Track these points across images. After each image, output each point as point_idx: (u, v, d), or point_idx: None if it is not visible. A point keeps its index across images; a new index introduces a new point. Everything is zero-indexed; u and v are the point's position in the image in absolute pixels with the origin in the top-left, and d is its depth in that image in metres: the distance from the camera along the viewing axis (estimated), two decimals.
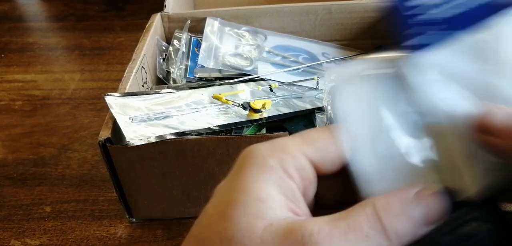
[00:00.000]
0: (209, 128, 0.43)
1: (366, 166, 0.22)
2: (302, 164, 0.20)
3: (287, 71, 0.57)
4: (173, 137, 0.39)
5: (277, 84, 0.52)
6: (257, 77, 0.54)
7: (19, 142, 0.60)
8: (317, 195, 0.22)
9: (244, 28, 0.63)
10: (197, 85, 0.50)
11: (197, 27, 0.63)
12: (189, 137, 0.39)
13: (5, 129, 0.63)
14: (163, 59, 0.60)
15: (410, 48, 0.22)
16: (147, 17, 0.62)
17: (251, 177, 0.20)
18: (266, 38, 0.62)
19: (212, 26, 0.61)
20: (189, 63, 0.58)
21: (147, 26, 0.59)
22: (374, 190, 0.21)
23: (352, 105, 0.23)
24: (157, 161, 0.41)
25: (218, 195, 0.20)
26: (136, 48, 0.53)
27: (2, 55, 0.83)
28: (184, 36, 0.61)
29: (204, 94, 0.48)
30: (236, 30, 0.62)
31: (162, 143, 0.39)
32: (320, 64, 0.60)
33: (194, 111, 0.45)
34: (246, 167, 0.20)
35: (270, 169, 0.20)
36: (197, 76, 0.56)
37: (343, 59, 0.63)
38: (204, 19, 0.61)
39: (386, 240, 0.18)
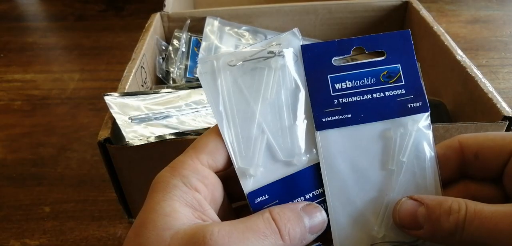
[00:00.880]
0: (209, 128, 0.43)
1: (231, 142, 0.25)
2: (201, 173, 0.23)
3: None
4: (172, 137, 0.39)
5: None
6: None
7: (18, 142, 0.60)
8: (232, 192, 0.25)
9: (244, 27, 0.62)
10: (196, 85, 0.50)
11: (197, 27, 0.63)
12: (189, 136, 0.39)
13: (5, 129, 0.63)
14: (163, 59, 0.60)
15: (326, 124, 0.26)
16: (147, 16, 0.62)
17: (158, 198, 0.22)
18: (266, 38, 0.62)
19: (212, 26, 0.61)
20: (188, 63, 0.58)
21: (146, 25, 0.59)
22: (237, 162, 0.25)
23: (218, 90, 0.26)
24: (157, 161, 0.40)
25: (135, 222, 0.23)
26: (136, 48, 0.53)
27: (2, 55, 0.83)
28: (184, 35, 0.61)
29: (203, 94, 0.48)
30: (236, 29, 0.62)
31: (161, 143, 0.39)
32: None
33: (193, 111, 0.45)
34: (154, 192, 0.23)
35: (174, 187, 0.22)
36: (196, 76, 0.56)
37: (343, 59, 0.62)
38: (204, 19, 0.61)
39: (280, 240, 0.22)
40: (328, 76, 0.27)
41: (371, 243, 0.26)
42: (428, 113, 0.26)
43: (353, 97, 0.27)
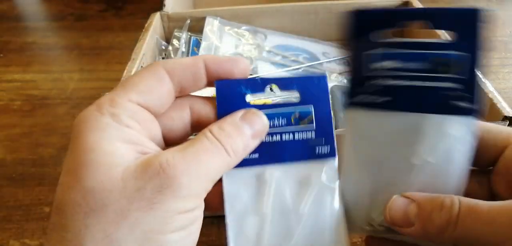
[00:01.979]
0: None
1: None
2: (132, 110, 0.22)
3: (287, 70, 0.57)
4: None
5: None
6: (257, 77, 0.54)
7: (18, 142, 0.60)
8: (167, 134, 0.24)
9: (244, 27, 0.62)
10: None
11: (196, 27, 0.63)
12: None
13: (4, 129, 0.63)
14: (163, 58, 0.60)
15: (358, 104, 0.25)
16: (147, 16, 0.62)
17: (93, 138, 0.20)
18: (266, 37, 0.62)
19: (211, 26, 0.61)
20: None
21: (146, 25, 0.59)
22: None
23: None
24: None
25: (65, 167, 0.21)
26: (136, 48, 0.53)
27: (1, 54, 0.83)
28: (184, 35, 0.61)
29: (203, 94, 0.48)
30: (236, 29, 0.62)
31: None
32: (321, 63, 0.60)
33: None
34: (84, 133, 0.21)
35: (107, 126, 0.21)
36: None
37: (343, 58, 0.62)
38: (203, 19, 0.61)
39: (227, 155, 0.22)
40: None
41: (369, 222, 0.25)
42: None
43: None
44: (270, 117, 0.26)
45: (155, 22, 0.60)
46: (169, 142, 0.25)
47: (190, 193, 0.20)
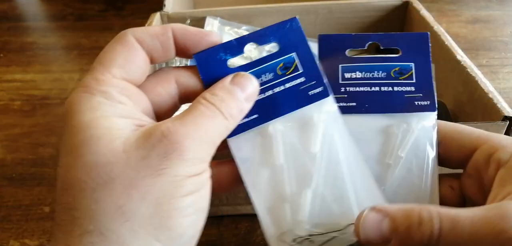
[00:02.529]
0: None
1: None
2: (119, 86, 0.22)
3: None
4: None
5: None
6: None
7: (18, 142, 0.60)
8: (157, 109, 0.24)
9: (244, 27, 0.62)
10: None
11: (196, 27, 0.62)
12: None
13: (4, 129, 0.63)
14: None
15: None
16: (147, 16, 0.62)
17: (89, 117, 0.20)
18: None
19: (211, 26, 0.61)
20: (188, 63, 0.58)
21: (146, 25, 0.59)
22: None
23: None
24: None
25: (64, 148, 0.21)
26: None
27: (1, 54, 0.83)
28: None
29: None
30: (236, 29, 0.62)
31: None
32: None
33: None
34: (78, 114, 0.20)
35: (100, 105, 0.21)
36: None
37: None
38: (203, 19, 0.61)
39: (224, 119, 0.23)
40: (340, 65, 0.27)
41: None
42: (435, 113, 0.26)
43: (361, 88, 0.27)
44: (256, 75, 0.26)
45: (155, 22, 0.60)
46: (159, 117, 0.25)
47: (195, 155, 0.21)
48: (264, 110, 0.26)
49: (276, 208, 0.25)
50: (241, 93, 0.24)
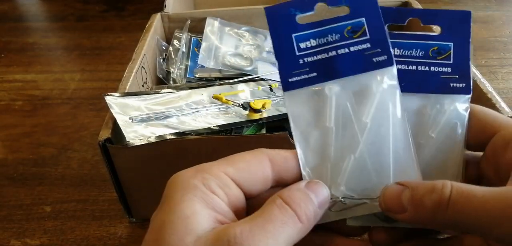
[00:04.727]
0: (209, 128, 0.43)
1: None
2: (224, 181, 0.23)
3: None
4: (173, 137, 0.39)
5: (277, 84, 0.52)
6: (257, 77, 0.54)
7: (19, 141, 0.60)
8: (249, 189, 0.24)
9: (244, 28, 0.63)
10: (197, 85, 0.50)
11: (197, 27, 0.63)
12: (189, 137, 0.39)
13: (5, 128, 0.63)
14: (163, 59, 0.60)
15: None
16: (147, 17, 0.62)
17: (177, 198, 0.21)
18: (266, 38, 0.62)
19: (212, 26, 0.61)
20: (189, 63, 0.59)
21: (147, 26, 0.59)
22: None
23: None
24: (157, 161, 0.41)
25: (152, 223, 0.22)
26: (136, 48, 0.53)
27: (2, 55, 0.83)
28: (184, 36, 0.61)
29: (204, 94, 0.48)
30: (236, 30, 0.62)
31: (162, 143, 0.39)
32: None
33: (194, 111, 0.45)
34: (172, 192, 0.22)
35: (194, 188, 0.22)
36: (197, 76, 0.56)
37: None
38: (204, 19, 0.61)
39: (299, 222, 0.22)
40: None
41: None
42: (469, 96, 0.26)
43: (398, 66, 0.27)
44: (323, 33, 0.26)
45: (156, 22, 0.60)
46: (248, 195, 0.25)
47: None
48: (325, 70, 0.26)
49: (318, 166, 0.26)
50: (315, 198, 0.24)
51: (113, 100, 0.42)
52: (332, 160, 0.26)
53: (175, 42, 0.61)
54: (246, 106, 0.46)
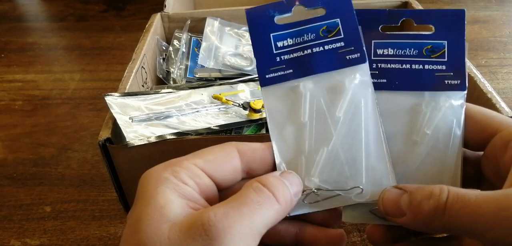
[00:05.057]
0: (209, 128, 0.43)
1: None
2: (194, 172, 0.23)
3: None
4: (173, 137, 0.39)
5: None
6: (257, 77, 0.54)
7: (19, 141, 0.60)
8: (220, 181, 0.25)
9: (244, 28, 0.63)
10: (197, 85, 0.50)
11: (197, 27, 0.63)
12: (189, 137, 0.39)
13: (5, 128, 0.63)
14: (163, 59, 0.60)
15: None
16: (147, 17, 0.62)
17: (150, 192, 0.22)
18: None
19: (212, 26, 0.61)
20: (189, 63, 0.59)
21: (147, 26, 0.59)
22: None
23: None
24: (157, 161, 0.41)
25: (129, 219, 0.22)
26: (136, 48, 0.53)
27: (2, 55, 0.83)
28: (184, 36, 0.61)
29: (204, 94, 0.48)
30: (236, 30, 0.62)
31: (162, 143, 0.39)
32: None
33: (194, 111, 0.45)
34: (146, 187, 0.23)
35: (165, 180, 0.22)
36: (197, 76, 0.56)
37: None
38: (204, 19, 0.61)
39: (276, 203, 0.22)
40: (373, 41, 0.28)
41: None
42: (465, 92, 0.27)
43: (392, 65, 0.27)
44: (300, 33, 0.28)
45: (156, 22, 0.60)
46: (219, 186, 0.25)
47: None
48: (300, 67, 0.27)
49: (293, 159, 0.26)
50: (290, 186, 0.24)
51: (113, 100, 0.42)
52: (306, 153, 0.26)
53: (175, 42, 0.61)
54: (246, 106, 0.46)
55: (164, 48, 0.61)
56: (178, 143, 0.39)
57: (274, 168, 0.26)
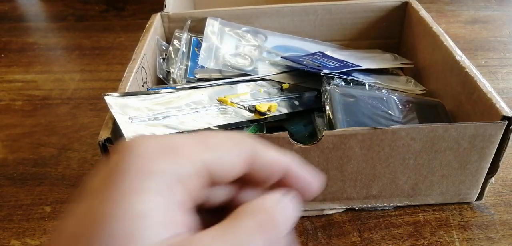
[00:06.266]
0: (208, 128, 0.43)
1: None
2: (198, 170, 0.16)
3: (288, 71, 0.57)
4: None
5: (288, 84, 0.53)
6: (257, 77, 0.54)
7: (19, 142, 0.60)
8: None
9: (244, 28, 0.63)
10: (197, 86, 0.50)
11: (197, 27, 0.63)
12: None
13: (5, 128, 0.63)
14: (163, 59, 0.60)
15: None
16: (147, 17, 0.62)
17: (129, 183, 0.14)
18: (266, 38, 0.63)
19: (212, 26, 0.61)
20: (189, 63, 0.59)
21: (147, 26, 0.59)
22: None
23: None
24: None
25: (81, 207, 0.15)
26: (136, 48, 0.53)
27: (2, 55, 0.83)
28: (184, 36, 0.61)
29: (204, 94, 0.48)
30: (236, 30, 0.62)
31: None
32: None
33: (194, 112, 0.45)
34: (123, 171, 0.15)
35: (157, 175, 0.15)
36: (197, 76, 0.56)
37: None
38: (204, 19, 0.61)
39: (275, 227, 0.17)
40: None
41: None
42: None
43: None
44: None
45: (156, 22, 0.60)
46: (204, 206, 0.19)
47: None
48: None
49: None
50: (293, 211, 0.19)
51: (113, 100, 0.42)
52: None
53: (175, 42, 0.61)
54: (252, 109, 0.46)
55: (164, 48, 0.61)
56: None
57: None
